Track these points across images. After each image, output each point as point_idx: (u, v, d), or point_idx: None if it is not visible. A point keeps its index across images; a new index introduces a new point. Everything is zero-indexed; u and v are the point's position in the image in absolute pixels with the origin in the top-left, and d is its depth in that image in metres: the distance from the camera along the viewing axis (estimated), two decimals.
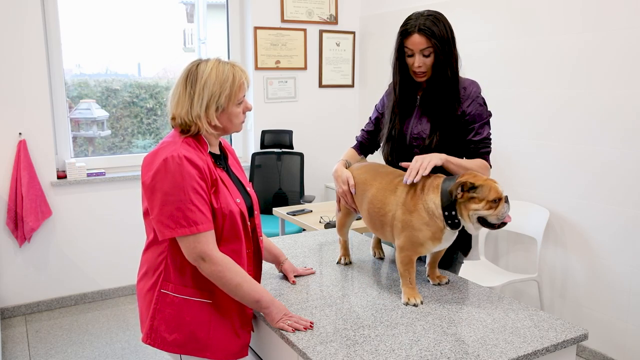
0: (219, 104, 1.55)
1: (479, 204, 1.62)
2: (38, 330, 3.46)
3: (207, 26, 4.28)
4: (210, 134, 1.60)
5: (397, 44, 1.93)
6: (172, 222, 1.47)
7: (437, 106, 1.94)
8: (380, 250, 2.15)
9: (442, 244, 1.71)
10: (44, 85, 3.56)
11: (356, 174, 1.95)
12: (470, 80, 1.98)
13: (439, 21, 1.87)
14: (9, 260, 3.60)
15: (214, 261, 1.50)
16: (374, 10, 4.51)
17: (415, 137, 2.00)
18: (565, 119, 3.07)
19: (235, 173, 1.72)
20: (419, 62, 1.89)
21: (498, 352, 1.41)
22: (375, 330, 1.53)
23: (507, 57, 3.37)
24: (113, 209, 3.88)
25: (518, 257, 3.44)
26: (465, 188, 1.63)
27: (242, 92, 1.59)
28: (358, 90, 4.80)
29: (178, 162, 1.47)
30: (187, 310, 1.55)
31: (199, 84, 1.54)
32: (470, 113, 1.93)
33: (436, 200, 1.67)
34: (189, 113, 1.54)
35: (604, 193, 2.92)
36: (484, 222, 1.66)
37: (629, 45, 2.73)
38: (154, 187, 1.49)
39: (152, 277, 1.58)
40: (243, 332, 1.64)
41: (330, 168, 5.07)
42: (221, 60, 1.59)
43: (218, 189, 1.56)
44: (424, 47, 1.86)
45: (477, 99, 1.94)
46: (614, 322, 2.95)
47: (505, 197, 1.64)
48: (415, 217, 1.69)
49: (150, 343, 1.57)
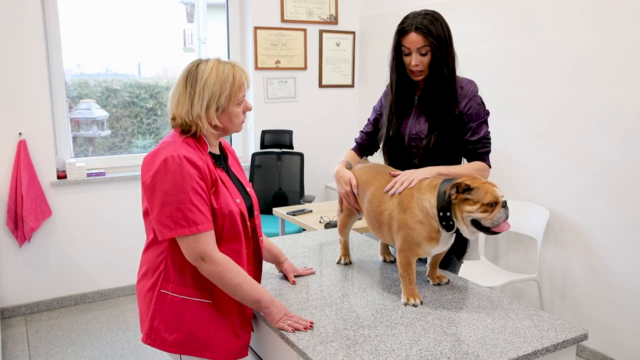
0: (219, 104, 1.55)
1: (473, 206, 1.59)
2: (38, 330, 3.46)
3: (207, 26, 4.28)
4: (211, 134, 1.60)
5: (395, 42, 1.94)
6: (172, 222, 1.47)
7: (435, 105, 1.94)
8: (388, 255, 2.12)
9: (439, 245, 1.70)
10: (44, 85, 3.56)
11: (358, 175, 1.95)
12: (468, 80, 1.98)
13: (436, 20, 1.88)
14: (9, 260, 3.60)
15: (214, 261, 1.49)
16: (374, 10, 4.51)
17: (413, 137, 2.00)
18: (565, 119, 3.07)
19: (235, 173, 1.72)
20: (416, 61, 1.89)
21: (498, 352, 1.41)
22: (375, 330, 1.53)
23: (507, 57, 3.37)
24: (113, 209, 3.88)
25: (518, 257, 3.44)
26: (460, 189, 1.61)
27: (242, 92, 1.59)
28: (358, 90, 4.80)
29: (178, 162, 1.47)
30: (187, 310, 1.55)
31: (199, 84, 1.54)
32: (467, 112, 1.93)
33: (432, 200, 1.66)
34: (189, 113, 1.54)
35: (604, 193, 2.92)
36: (478, 225, 1.62)
37: (628, 45, 2.73)
38: (153, 187, 1.48)
39: (152, 277, 1.58)
40: (243, 332, 1.63)
41: (330, 168, 5.04)
42: (221, 60, 1.59)
43: (218, 189, 1.55)
44: (420, 45, 1.87)
45: (474, 98, 1.94)
46: (614, 322, 2.94)
47: (503, 202, 1.60)
48: (409, 215, 1.68)
49: (150, 343, 1.57)
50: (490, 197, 1.59)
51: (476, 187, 1.61)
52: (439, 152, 1.95)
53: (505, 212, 1.61)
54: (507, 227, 1.62)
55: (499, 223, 1.60)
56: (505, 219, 1.61)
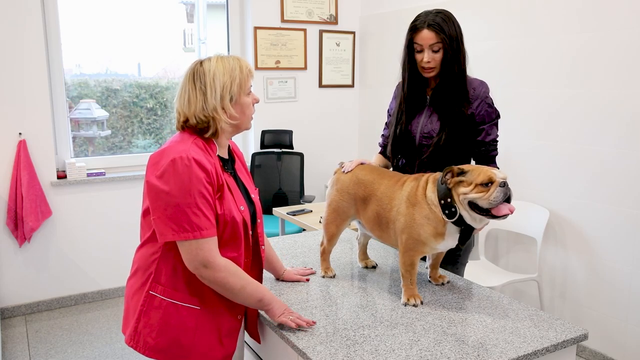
0: (232, 92, 1.53)
1: (467, 187, 1.58)
2: (38, 330, 3.46)
3: (207, 26, 4.28)
4: (226, 129, 1.56)
5: (407, 40, 1.98)
6: (176, 225, 1.42)
7: (447, 103, 1.96)
8: (368, 260, 2.05)
9: (445, 241, 1.67)
10: (44, 85, 3.56)
11: (362, 175, 1.91)
12: (480, 81, 2.01)
13: (448, 18, 1.93)
14: (9, 260, 3.60)
15: (217, 268, 1.45)
16: (374, 10, 4.51)
17: (425, 135, 2.01)
18: (564, 118, 3.07)
19: (241, 178, 1.69)
20: (428, 57, 1.92)
21: (498, 352, 1.41)
22: (375, 330, 1.53)
23: (506, 56, 3.37)
24: (113, 209, 3.88)
25: (518, 257, 3.44)
26: (454, 173, 1.62)
27: (250, 81, 1.58)
28: (358, 90, 4.80)
29: (187, 164, 1.43)
30: (174, 315, 1.50)
31: (208, 77, 1.52)
32: (479, 114, 1.96)
33: (435, 190, 1.66)
34: (204, 109, 1.51)
35: (604, 192, 2.92)
36: (477, 208, 1.58)
37: (627, 44, 2.73)
38: (159, 187, 1.43)
39: (142, 276, 1.54)
40: (228, 341, 1.58)
41: (330, 168, 5.06)
42: (222, 54, 1.58)
43: (223, 195, 1.51)
44: (433, 42, 1.90)
45: (485, 99, 1.98)
46: (614, 322, 2.95)
47: (501, 182, 1.55)
48: (418, 210, 1.67)
49: (133, 346, 1.51)
50: (484, 176, 1.56)
51: (470, 170, 1.61)
52: (449, 150, 1.96)
53: (504, 191, 1.54)
54: (506, 210, 1.55)
55: (497, 203, 1.55)
56: (503, 199, 1.55)
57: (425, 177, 1.73)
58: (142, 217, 1.57)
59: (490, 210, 1.57)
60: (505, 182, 1.56)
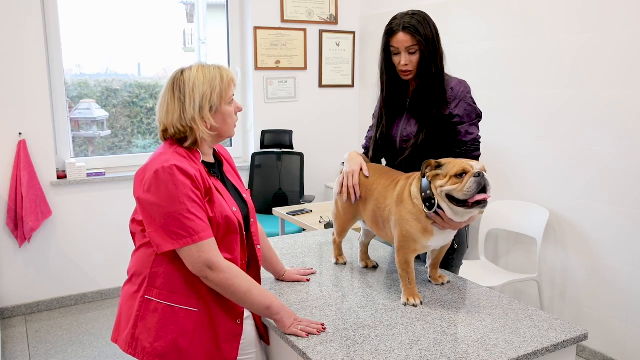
0: (212, 102, 1.51)
1: (443, 180, 1.60)
2: (38, 330, 3.46)
3: (207, 26, 4.28)
4: (206, 139, 1.55)
5: (383, 44, 1.98)
6: (172, 233, 1.41)
7: (425, 105, 1.95)
8: (369, 260, 2.07)
9: (435, 237, 1.68)
10: (44, 85, 3.56)
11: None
12: (458, 80, 1.99)
13: (424, 19, 1.92)
14: (9, 260, 3.60)
15: (221, 269, 1.44)
16: (374, 10, 4.51)
17: (404, 139, 2.02)
18: (565, 118, 3.07)
19: (231, 180, 1.68)
20: (405, 60, 1.92)
21: (498, 352, 1.41)
22: (375, 330, 1.53)
23: (506, 56, 3.37)
24: (113, 209, 3.88)
25: (518, 257, 3.44)
26: (432, 166, 1.65)
27: (231, 90, 1.56)
28: (358, 90, 4.80)
29: (170, 172, 1.42)
30: (172, 318, 1.48)
31: (187, 87, 1.51)
32: (457, 113, 1.94)
33: (418, 185, 1.69)
34: (182, 118, 1.50)
35: (604, 193, 2.92)
36: (454, 200, 1.59)
37: (627, 44, 2.73)
38: (147, 200, 1.43)
39: (137, 281, 1.52)
40: (227, 347, 1.55)
41: (330, 168, 5.03)
42: (204, 63, 1.57)
43: (213, 198, 1.50)
44: (409, 44, 1.90)
45: (465, 98, 1.96)
46: (614, 322, 2.95)
47: (475, 173, 1.55)
48: (404, 207, 1.70)
49: (131, 353, 1.49)
50: (458, 168, 1.59)
51: (446, 162, 1.63)
52: (428, 151, 1.95)
53: (478, 181, 1.54)
54: (480, 197, 1.55)
55: (471, 194, 1.55)
56: (477, 189, 1.54)
57: (415, 175, 1.76)
58: (130, 222, 1.56)
59: (467, 201, 1.57)
60: (481, 173, 1.56)
